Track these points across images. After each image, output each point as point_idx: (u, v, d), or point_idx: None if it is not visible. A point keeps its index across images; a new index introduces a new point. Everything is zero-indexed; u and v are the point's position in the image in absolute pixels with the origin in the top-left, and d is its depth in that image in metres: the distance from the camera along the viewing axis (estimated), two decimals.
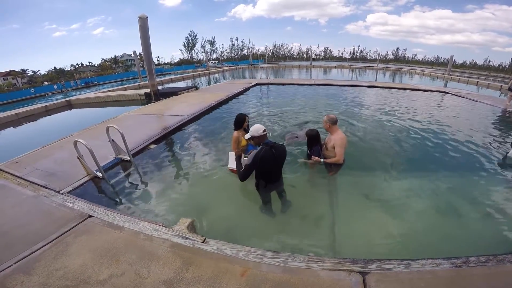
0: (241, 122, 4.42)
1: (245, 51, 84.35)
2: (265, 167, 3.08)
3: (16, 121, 10.75)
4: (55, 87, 33.94)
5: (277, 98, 11.56)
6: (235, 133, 4.42)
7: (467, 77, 29.17)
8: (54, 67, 60.64)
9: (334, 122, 4.11)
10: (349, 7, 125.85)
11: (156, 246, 2.53)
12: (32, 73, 57.78)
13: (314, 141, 4.17)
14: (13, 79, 52.63)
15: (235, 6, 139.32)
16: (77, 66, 65.54)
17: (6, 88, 43.66)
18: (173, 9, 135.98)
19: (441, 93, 12.46)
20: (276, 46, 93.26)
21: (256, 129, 3.08)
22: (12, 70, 55.42)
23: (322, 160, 4.03)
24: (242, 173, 3.03)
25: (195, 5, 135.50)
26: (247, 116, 4.54)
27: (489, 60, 71.38)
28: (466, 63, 74.65)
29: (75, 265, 2.28)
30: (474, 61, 75.40)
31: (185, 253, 2.42)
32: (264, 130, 3.11)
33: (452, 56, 31.75)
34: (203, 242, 2.59)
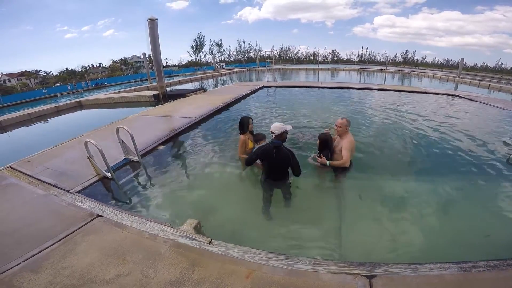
0: (245, 125, 4.45)
1: (252, 54, 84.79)
2: (264, 161, 3.50)
3: (28, 121, 10.99)
4: (69, 87, 34.83)
5: (283, 100, 11.55)
6: (242, 136, 4.44)
7: (478, 80, 28.65)
8: (66, 68, 61.85)
9: (349, 126, 4.15)
10: (356, 9, 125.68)
11: (162, 246, 2.54)
12: (45, 74, 59.01)
13: (325, 145, 4.17)
14: (26, 79, 53.85)
15: (241, 9, 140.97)
16: (87, 68, 66.64)
17: (19, 88, 44.71)
18: (180, 12, 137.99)
19: (451, 96, 12.26)
20: (283, 49, 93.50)
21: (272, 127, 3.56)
22: (25, 71, 56.74)
23: (328, 162, 4.01)
24: (247, 158, 3.62)
25: (201, 8, 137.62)
26: (251, 118, 4.56)
27: (501, 63, 70.12)
28: (477, 66, 73.51)
29: (82, 264, 2.31)
30: (486, 64, 74.24)
31: (191, 254, 2.43)
32: (272, 132, 3.42)
33: (462, 59, 31.26)
34: (209, 243, 2.59)
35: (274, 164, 3.41)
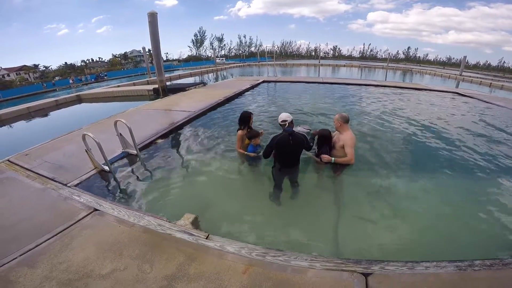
0: (246, 120, 4.42)
1: (252, 49, 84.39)
2: (280, 151, 3.55)
3: (27, 115, 10.96)
4: (71, 81, 34.91)
5: (284, 95, 11.49)
6: (240, 131, 4.42)
7: (480, 78, 28.54)
8: (65, 62, 61.59)
9: (346, 120, 4.11)
10: (350, 4, 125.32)
11: (159, 241, 2.54)
12: (44, 68, 58.72)
13: (325, 141, 4.15)
14: (25, 73, 53.62)
15: (233, 5, 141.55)
16: (87, 62, 66.28)
17: (18, 82, 44.59)
18: (174, 8, 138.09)
19: (452, 94, 12.18)
20: (284, 44, 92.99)
21: (280, 116, 4.23)
22: (25, 65, 56.45)
23: (333, 159, 3.99)
24: (264, 152, 3.68)
25: (192, 5, 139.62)
26: (252, 113, 4.54)
27: (504, 61, 69.82)
28: (480, 64, 73.21)
29: (78, 258, 2.31)
30: (488, 62, 73.92)
31: (188, 249, 2.42)
32: (284, 121, 4.10)
33: (465, 57, 31.18)
34: (206, 238, 2.58)
35: (290, 151, 3.54)
